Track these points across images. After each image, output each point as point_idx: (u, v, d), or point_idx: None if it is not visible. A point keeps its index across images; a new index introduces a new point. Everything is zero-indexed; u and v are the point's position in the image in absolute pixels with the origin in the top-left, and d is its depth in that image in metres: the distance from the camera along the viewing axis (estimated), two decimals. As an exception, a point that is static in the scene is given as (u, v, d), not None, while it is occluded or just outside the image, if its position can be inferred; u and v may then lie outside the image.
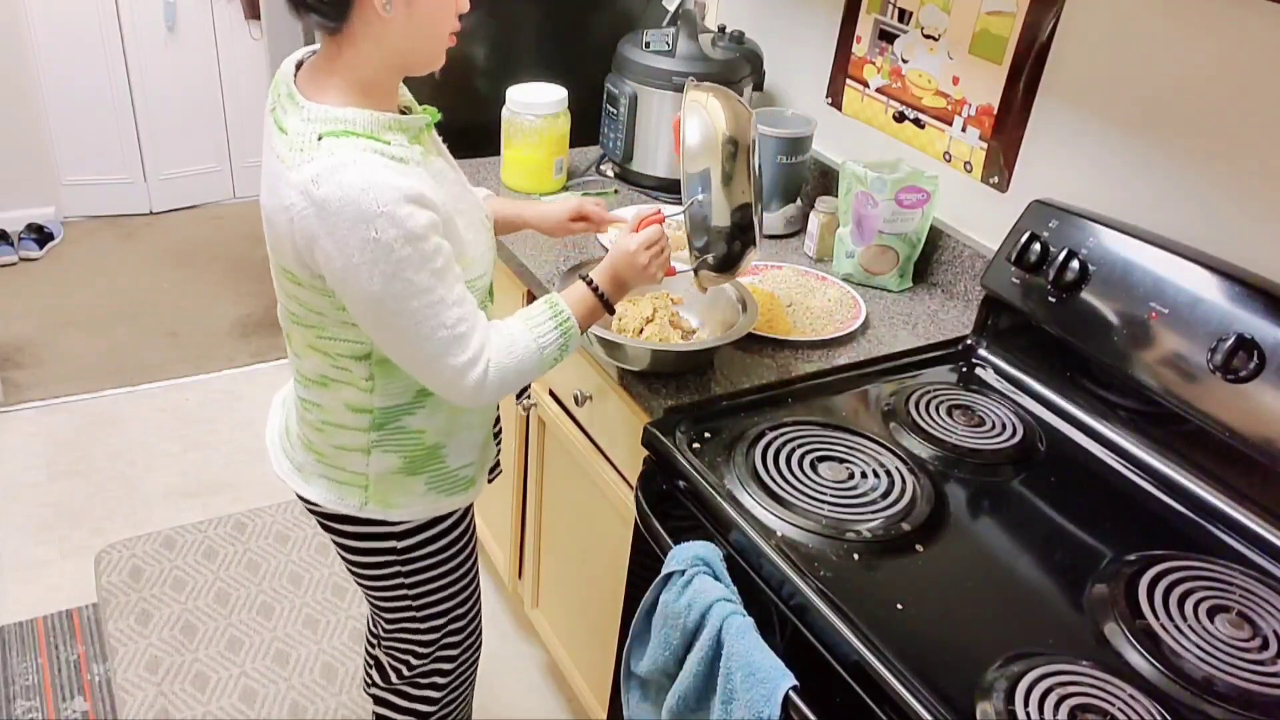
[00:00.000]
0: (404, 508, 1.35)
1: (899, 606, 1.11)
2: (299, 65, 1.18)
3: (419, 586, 1.46)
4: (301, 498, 1.40)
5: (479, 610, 1.60)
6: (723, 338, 1.46)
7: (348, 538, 1.41)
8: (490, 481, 1.50)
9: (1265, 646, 1.07)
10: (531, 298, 1.69)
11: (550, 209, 1.49)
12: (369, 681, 1.67)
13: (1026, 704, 0.97)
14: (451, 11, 1.13)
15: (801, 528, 1.19)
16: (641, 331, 1.49)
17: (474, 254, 1.23)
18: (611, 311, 1.30)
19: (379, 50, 1.11)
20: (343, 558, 1.46)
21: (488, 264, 1.28)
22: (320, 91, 1.13)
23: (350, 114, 1.10)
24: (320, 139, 1.08)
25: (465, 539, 1.49)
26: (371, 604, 1.53)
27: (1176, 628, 1.08)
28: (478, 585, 1.58)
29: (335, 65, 1.12)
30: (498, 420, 1.52)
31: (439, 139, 1.30)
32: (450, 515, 1.42)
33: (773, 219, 1.92)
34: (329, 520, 1.40)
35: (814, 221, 1.84)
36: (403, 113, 1.21)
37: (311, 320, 1.23)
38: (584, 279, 1.28)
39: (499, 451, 1.55)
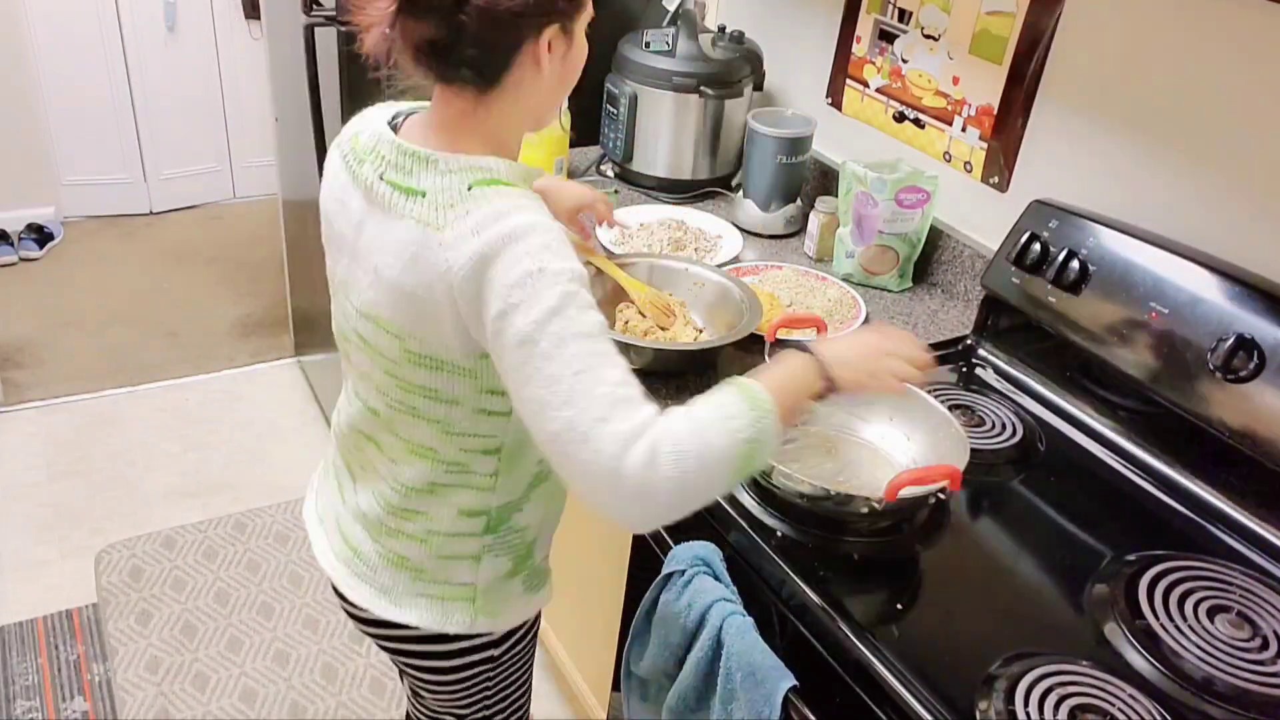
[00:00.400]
0: (506, 615, 1.22)
1: (899, 606, 1.11)
2: (394, 125, 1.08)
3: (502, 690, 1.33)
4: (381, 622, 1.21)
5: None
6: (726, 336, 1.46)
7: (441, 657, 1.24)
8: None
9: (1265, 646, 1.07)
10: None
11: (562, 198, 1.42)
12: None
13: (1026, 704, 0.97)
14: (582, 66, 1.07)
15: (801, 526, 1.19)
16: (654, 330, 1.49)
17: None
18: (823, 396, 1.04)
19: (527, 107, 1.03)
20: (419, 676, 1.29)
21: None
22: (451, 142, 1.02)
23: (491, 163, 0.99)
24: (470, 189, 0.97)
25: (535, 637, 1.36)
26: (438, 709, 1.38)
27: (1176, 628, 1.08)
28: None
29: (471, 123, 1.02)
30: None
31: None
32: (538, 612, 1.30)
33: (773, 219, 1.92)
34: (426, 644, 1.23)
35: (814, 221, 1.84)
36: None
37: (438, 414, 1.07)
38: (796, 347, 1.05)
39: None
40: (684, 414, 0.93)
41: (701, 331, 1.56)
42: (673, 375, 1.46)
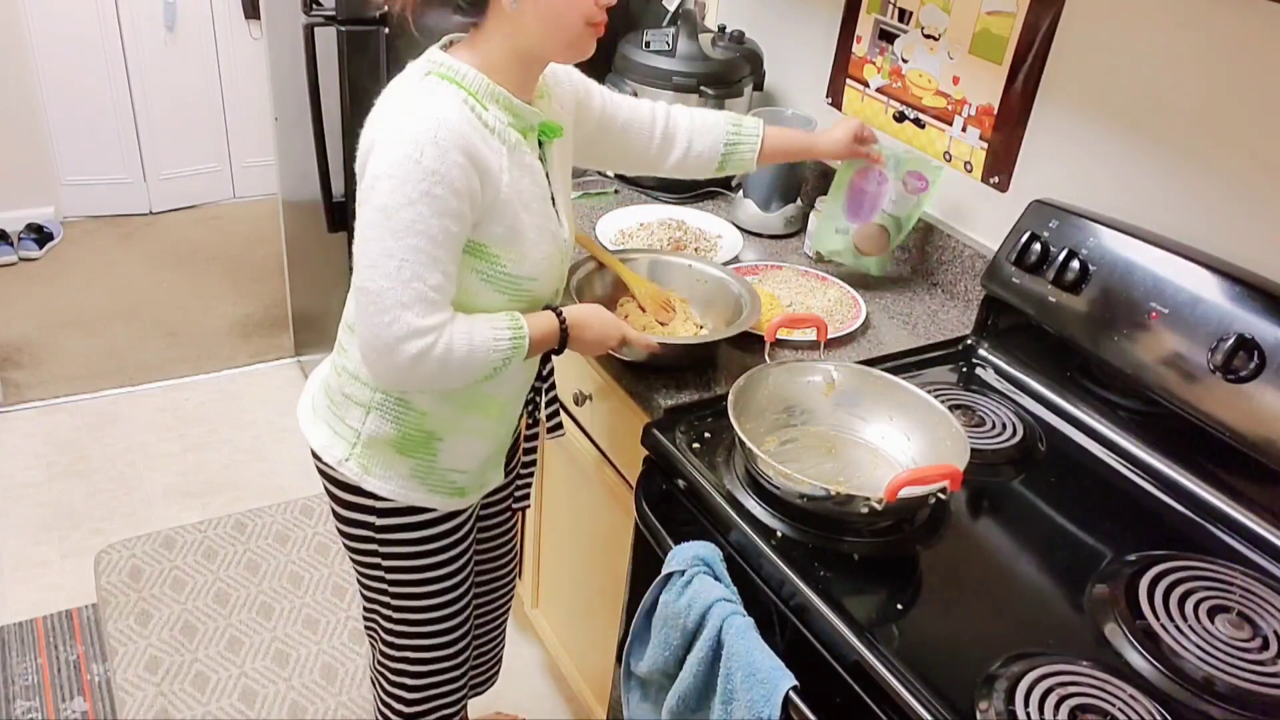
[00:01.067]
0: (380, 481, 1.34)
1: (899, 606, 1.11)
2: (449, 43, 1.23)
3: (395, 573, 1.45)
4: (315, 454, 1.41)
5: (459, 648, 1.56)
6: (723, 332, 1.46)
7: (333, 498, 1.41)
8: (515, 510, 1.48)
9: (1265, 646, 1.07)
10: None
11: (834, 138, 1.62)
12: None
13: (1026, 704, 0.97)
14: (584, 4, 1.15)
15: (801, 526, 1.19)
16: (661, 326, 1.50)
17: (530, 252, 1.23)
18: (559, 351, 1.31)
19: (512, 41, 1.16)
20: (334, 521, 1.46)
21: (548, 275, 1.28)
22: (457, 52, 1.18)
23: (465, 69, 1.15)
24: (427, 74, 1.14)
25: (450, 547, 1.45)
26: (356, 576, 1.53)
27: (1176, 628, 1.08)
28: (462, 619, 1.53)
29: (477, 42, 1.18)
30: (531, 451, 1.50)
31: (559, 153, 1.31)
32: (432, 510, 1.39)
33: (773, 219, 1.92)
34: (322, 471, 1.39)
35: (814, 221, 1.83)
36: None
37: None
38: (555, 310, 1.29)
39: (529, 484, 1.52)
40: (465, 332, 1.17)
41: (702, 327, 1.56)
42: (670, 369, 1.46)
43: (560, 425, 1.46)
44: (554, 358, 1.38)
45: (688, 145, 1.52)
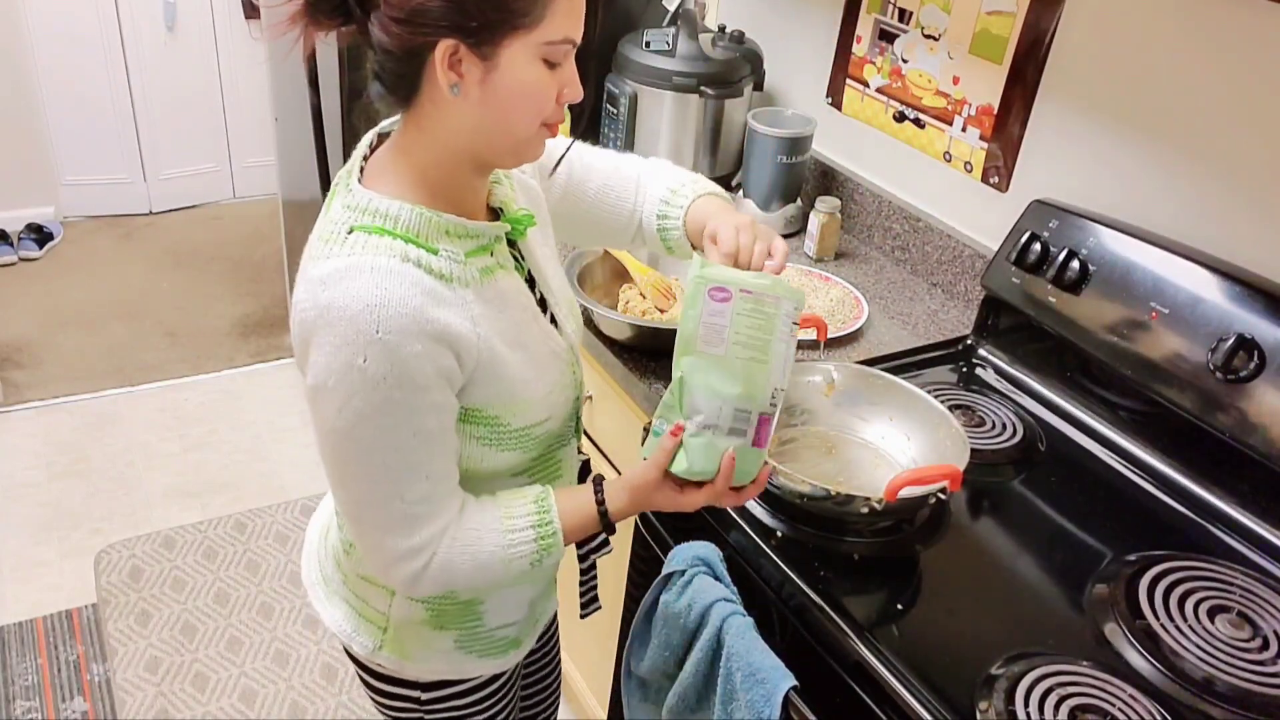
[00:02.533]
0: (422, 663, 1.15)
1: (899, 606, 1.11)
2: (375, 143, 1.01)
3: None
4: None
5: None
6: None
7: (366, 672, 1.22)
8: (583, 616, 1.30)
9: (1265, 646, 1.07)
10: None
11: (708, 211, 1.15)
12: None
13: (1026, 704, 0.97)
14: (543, 103, 0.91)
15: (801, 526, 1.19)
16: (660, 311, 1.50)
17: (535, 394, 1.02)
18: (610, 532, 1.08)
19: (450, 137, 0.92)
20: (364, 688, 1.27)
21: (559, 404, 1.07)
22: (380, 174, 0.95)
23: (396, 208, 0.91)
24: (350, 232, 0.90)
25: (502, 699, 1.27)
26: None
27: (1176, 628, 1.08)
28: None
29: (404, 145, 0.95)
30: (585, 559, 1.24)
31: (538, 243, 1.09)
32: (486, 680, 1.22)
33: (773, 219, 1.92)
34: (351, 655, 1.22)
35: (814, 221, 1.83)
36: (494, 212, 1.03)
37: None
38: (596, 488, 1.04)
39: (593, 588, 1.28)
40: (473, 529, 0.98)
41: None
42: (665, 354, 1.47)
43: (608, 539, 1.18)
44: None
45: (640, 218, 1.21)
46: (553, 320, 1.08)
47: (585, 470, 1.25)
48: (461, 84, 0.88)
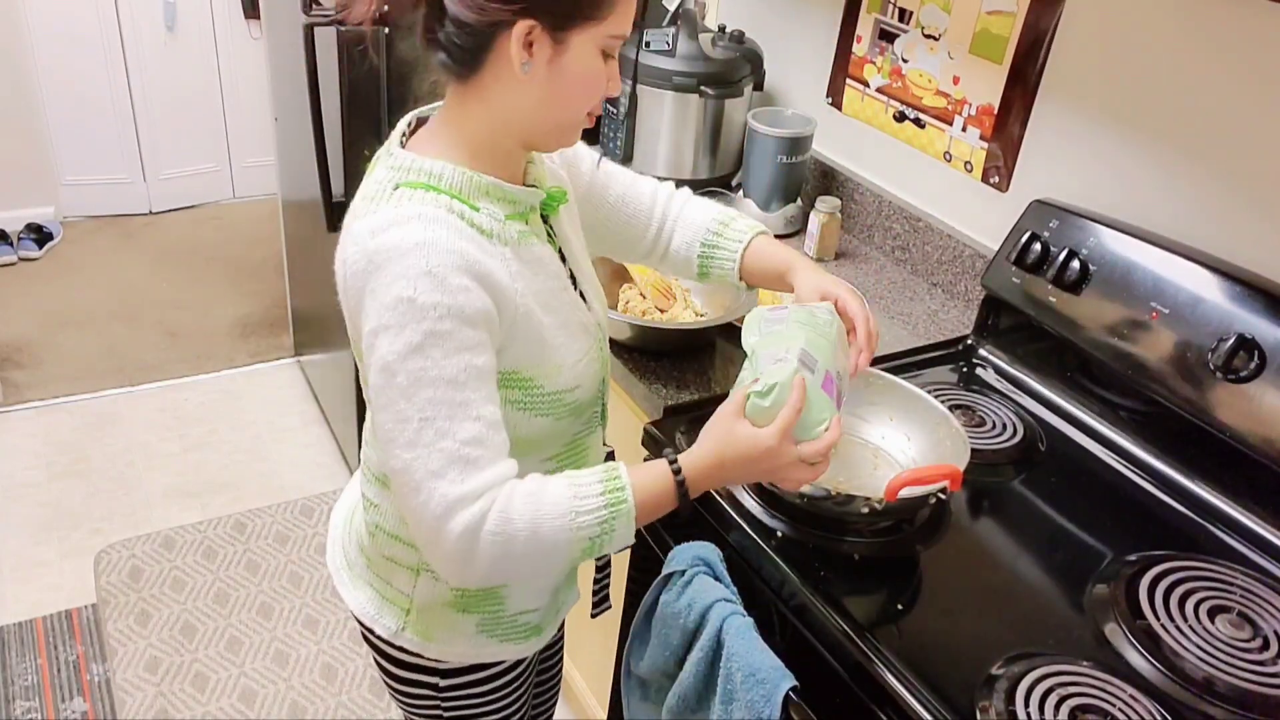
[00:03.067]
0: (445, 645, 1.16)
1: (899, 606, 1.11)
2: (414, 125, 1.04)
3: None
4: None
5: None
6: (716, 318, 1.47)
7: (385, 658, 1.21)
8: (594, 616, 1.32)
9: (1265, 647, 1.07)
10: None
11: (812, 281, 1.16)
12: None
13: (1027, 704, 0.97)
14: (596, 92, 0.97)
15: (801, 526, 1.19)
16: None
17: (565, 359, 1.03)
18: (686, 510, 1.00)
19: (506, 112, 0.96)
20: (380, 673, 1.27)
21: (588, 376, 1.08)
22: (425, 142, 1.00)
23: (439, 167, 0.96)
24: (396, 188, 0.95)
25: (519, 687, 1.27)
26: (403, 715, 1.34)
27: (1177, 628, 1.08)
28: None
29: (453, 116, 0.99)
30: (601, 556, 1.21)
31: (568, 223, 1.13)
32: (503, 662, 1.22)
33: (773, 219, 1.92)
34: (368, 632, 1.21)
35: (814, 221, 1.83)
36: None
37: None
38: (668, 458, 0.99)
39: (606, 587, 1.33)
40: (529, 494, 0.92)
41: (702, 315, 1.57)
42: (666, 354, 1.47)
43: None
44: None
45: (669, 240, 1.26)
46: (582, 297, 1.10)
47: (610, 460, 1.26)
48: (531, 63, 0.92)
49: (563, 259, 1.09)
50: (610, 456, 1.27)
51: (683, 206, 1.27)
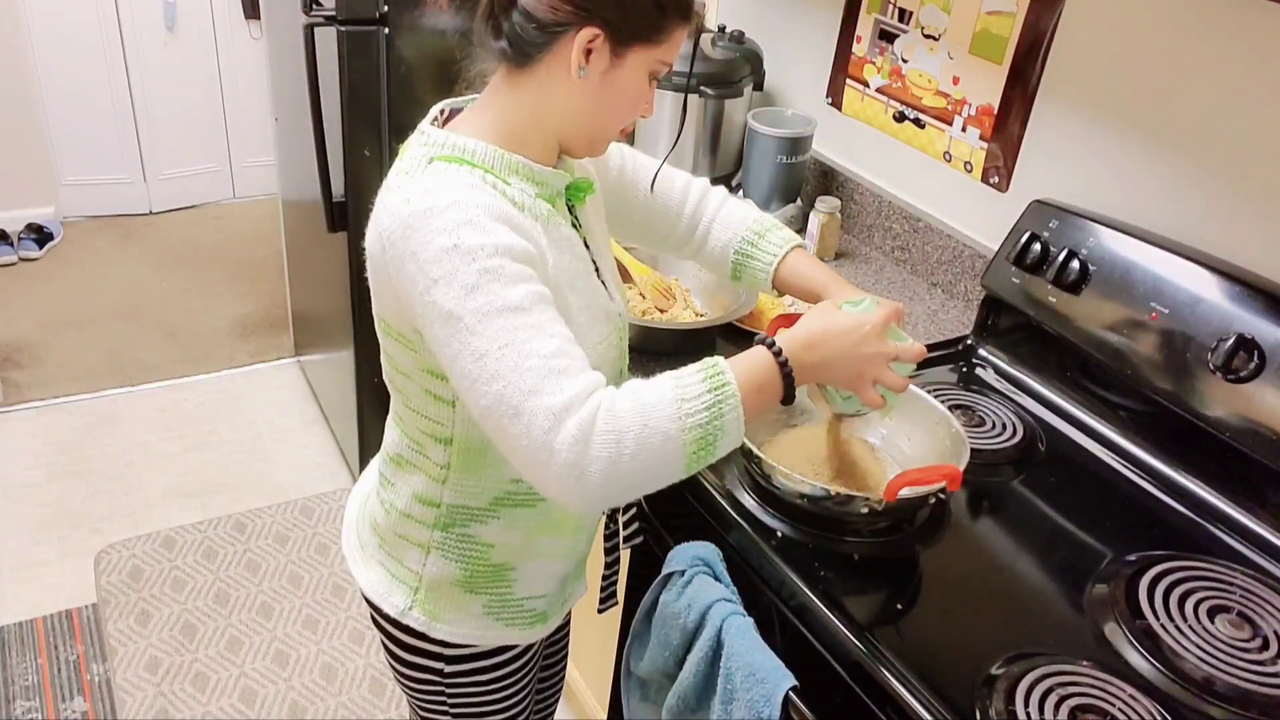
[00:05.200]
0: (451, 625, 1.17)
1: (899, 606, 1.11)
2: (447, 113, 1.06)
3: (461, 710, 1.27)
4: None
5: None
6: (715, 319, 1.47)
7: (393, 641, 1.23)
8: (601, 612, 1.34)
9: (1265, 646, 1.07)
10: None
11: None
12: None
13: (1026, 704, 0.97)
14: (635, 110, 1.01)
15: (801, 526, 1.19)
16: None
17: (587, 339, 1.03)
18: (790, 399, 0.98)
19: (549, 108, 0.99)
20: (387, 658, 1.29)
21: (607, 363, 1.09)
22: (460, 124, 1.02)
23: (473, 145, 0.98)
24: (431, 162, 0.97)
25: (522, 677, 1.28)
26: (410, 706, 1.36)
27: (1176, 628, 1.08)
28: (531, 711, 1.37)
29: (495, 101, 1.01)
30: (611, 551, 1.31)
31: (593, 214, 1.14)
32: (510, 648, 1.23)
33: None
34: (379, 621, 1.23)
35: (814, 221, 1.83)
36: None
37: (398, 384, 1.08)
38: (765, 342, 0.98)
39: (614, 582, 1.35)
40: (632, 390, 0.91)
41: (702, 315, 1.57)
42: (666, 354, 1.47)
43: (640, 532, 1.27)
44: None
45: (705, 236, 1.28)
46: (603, 285, 1.12)
47: None
48: (587, 70, 0.95)
49: (586, 247, 1.10)
50: None
51: (720, 207, 1.29)
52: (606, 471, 0.88)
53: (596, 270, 1.10)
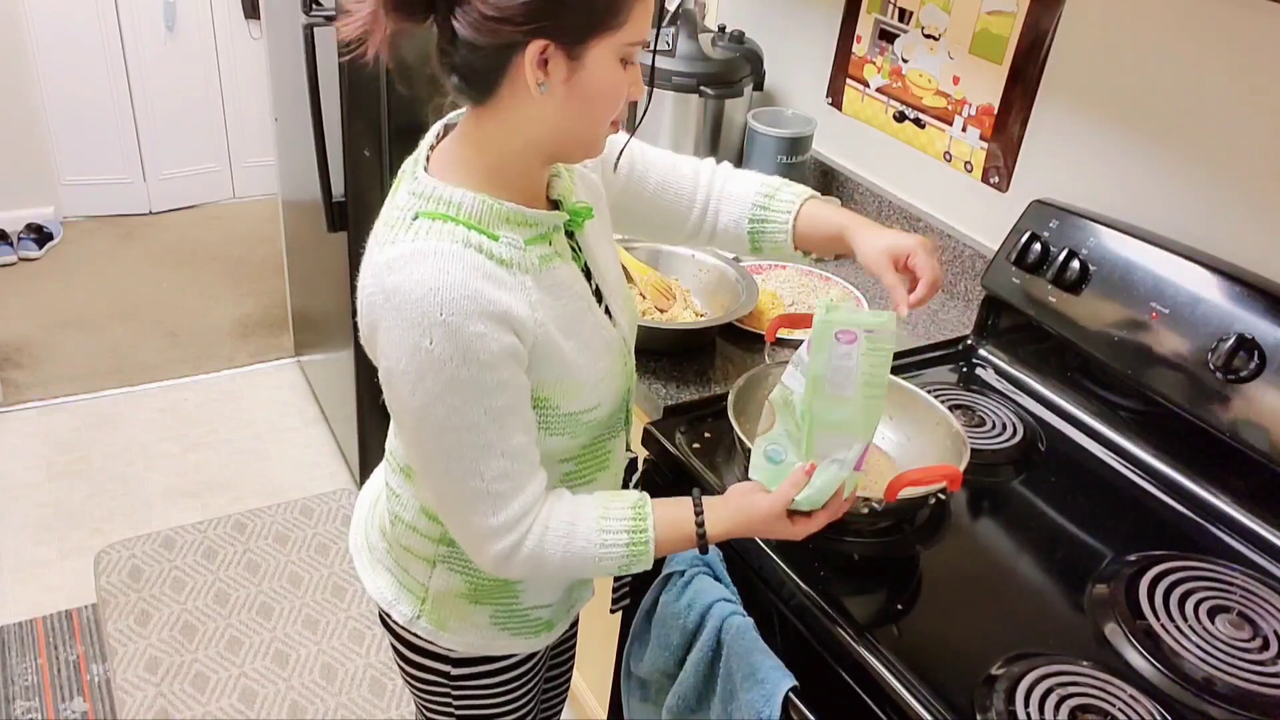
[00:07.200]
0: (458, 635, 1.17)
1: (899, 606, 1.11)
2: (443, 134, 1.02)
3: (468, 711, 1.28)
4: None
5: None
6: (715, 319, 1.48)
7: (400, 642, 1.23)
8: (613, 611, 1.35)
9: (1265, 647, 1.07)
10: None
11: (873, 246, 1.14)
12: None
13: (1027, 704, 0.97)
14: (617, 101, 0.94)
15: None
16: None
17: (586, 380, 1.03)
18: (703, 553, 1.08)
19: (526, 132, 0.94)
20: (394, 658, 1.29)
21: (609, 393, 1.08)
22: (447, 164, 0.98)
23: (459, 195, 0.94)
24: (415, 218, 0.93)
25: (529, 681, 1.29)
26: (415, 702, 1.37)
27: (1177, 628, 1.08)
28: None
29: (472, 139, 0.97)
30: None
31: (595, 235, 1.10)
32: (514, 655, 1.23)
33: (773, 219, 1.93)
34: (388, 625, 1.24)
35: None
36: (553, 205, 1.05)
37: None
38: (696, 506, 1.03)
39: (627, 582, 1.37)
40: (568, 519, 1.00)
41: (702, 316, 1.57)
42: (666, 354, 1.48)
43: None
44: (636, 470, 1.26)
45: (716, 217, 1.25)
46: (607, 312, 1.10)
47: (632, 468, 1.26)
48: (548, 82, 0.90)
49: (588, 275, 1.08)
50: (632, 465, 1.27)
51: (725, 182, 1.25)
52: (523, 576, 1.05)
53: (600, 295, 1.09)
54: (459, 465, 0.94)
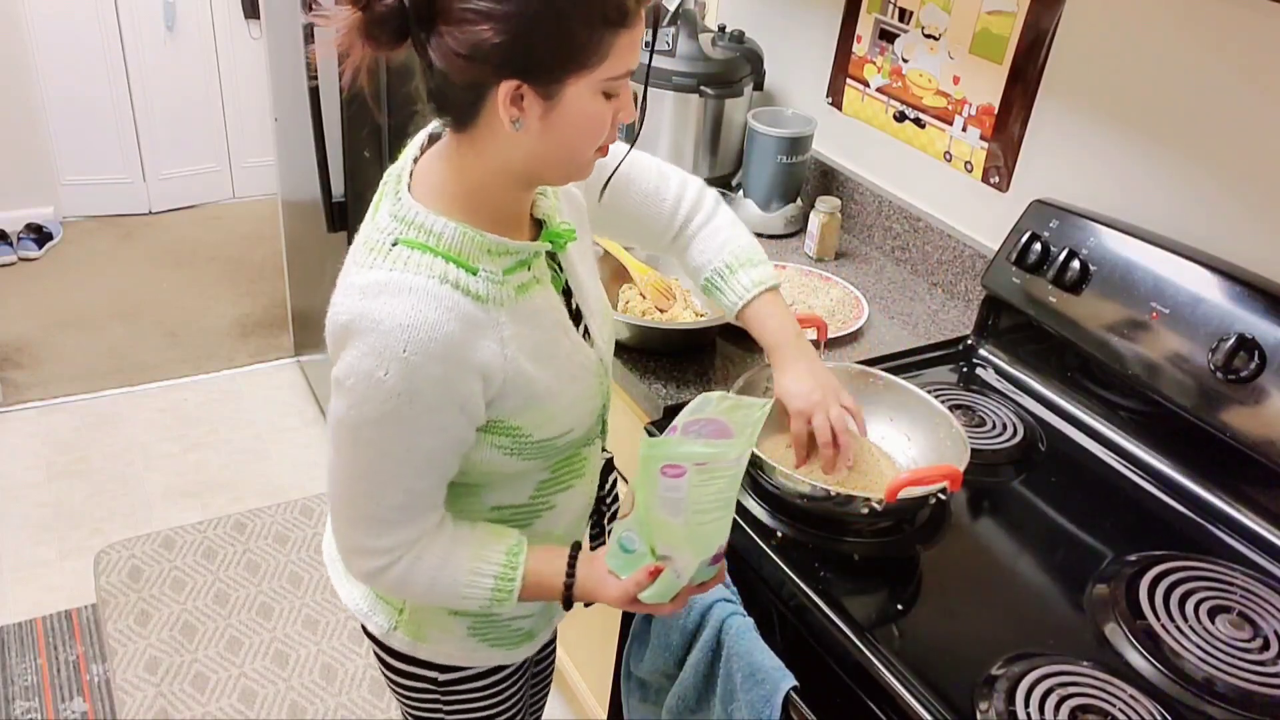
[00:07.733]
0: (435, 645, 1.17)
1: (899, 606, 1.11)
2: (427, 143, 1.01)
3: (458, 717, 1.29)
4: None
5: None
6: (715, 319, 1.48)
7: (386, 652, 1.22)
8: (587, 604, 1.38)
9: (1266, 647, 1.07)
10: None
11: (790, 387, 1.20)
12: None
13: (1027, 704, 0.97)
14: (600, 132, 0.93)
15: (802, 526, 1.19)
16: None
17: (558, 407, 1.03)
18: (566, 608, 1.11)
19: (504, 160, 0.93)
20: (380, 668, 1.28)
21: (583, 415, 1.08)
22: (428, 189, 0.96)
23: (440, 225, 0.93)
24: (395, 244, 0.92)
25: (518, 686, 1.29)
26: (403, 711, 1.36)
27: (1177, 628, 1.08)
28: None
29: (454, 163, 0.96)
30: (599, 535, 1.31)
31: (577, 253, 1.10)
32: (501, 667, 1.24)
33: (773, 219, 1.92)
34: (367, 633, 1.23)
35: (814, 221, 1.83)
36: (536, 223, 1.05)
37: None
38: (570, 562, 1.06)
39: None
40: (443, 554, 1.02)
41: (702, 315, 1.57)
42: (666, 354, 1.48)
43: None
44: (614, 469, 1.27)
45: (686, 248, 1.29)
46: (586, 333, 1.09)
47: (609, 468, 1.26)
48: (523, 118, 0.88)
49: (568, 295, 1.07)
50: (609, 464, 1.26)
51: (705, 223, 1.28)
52: (389, 594, 1.11)
53: (579, 316, 1.08)
54: (363, 483, 0.97)
